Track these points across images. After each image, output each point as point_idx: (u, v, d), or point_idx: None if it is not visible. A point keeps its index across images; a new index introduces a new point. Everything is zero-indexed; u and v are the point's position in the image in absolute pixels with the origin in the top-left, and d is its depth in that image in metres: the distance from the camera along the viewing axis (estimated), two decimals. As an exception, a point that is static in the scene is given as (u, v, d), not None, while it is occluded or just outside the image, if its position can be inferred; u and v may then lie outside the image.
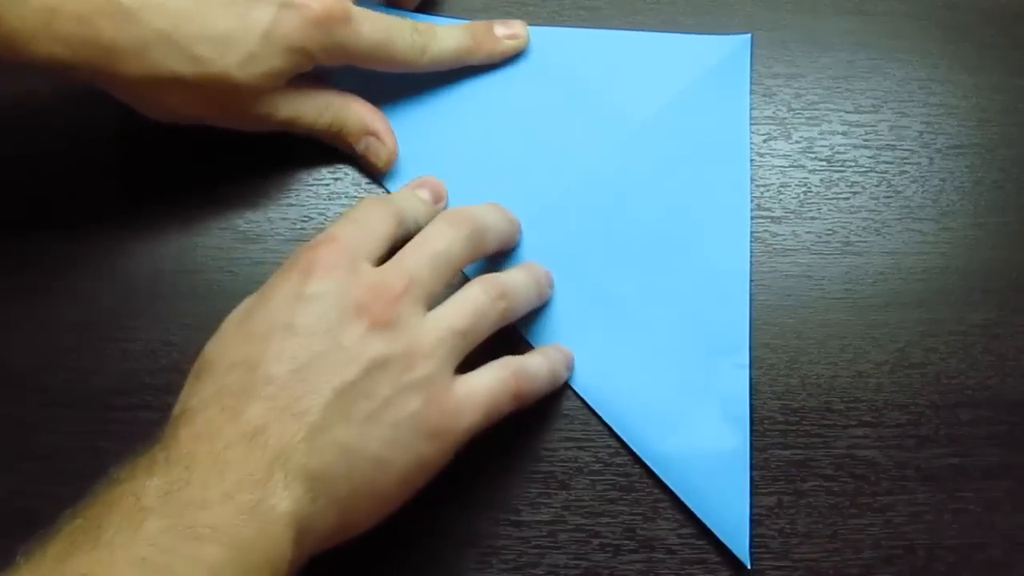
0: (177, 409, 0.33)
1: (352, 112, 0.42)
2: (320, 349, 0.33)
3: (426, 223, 0.38)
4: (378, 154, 0.42)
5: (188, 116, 0.40)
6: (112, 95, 0.39)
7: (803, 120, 0.45)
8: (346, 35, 0.39)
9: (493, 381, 0.36)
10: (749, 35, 0.44)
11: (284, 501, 0.30)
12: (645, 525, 0.40)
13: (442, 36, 0.42)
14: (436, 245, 0.36)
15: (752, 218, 0.44)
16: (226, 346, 0.34)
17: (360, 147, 0.42)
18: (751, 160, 0.44)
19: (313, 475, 0.31)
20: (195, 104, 0.39)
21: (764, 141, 0.45)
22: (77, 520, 0.29)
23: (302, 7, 0.38)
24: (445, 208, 0.42)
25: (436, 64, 0.42)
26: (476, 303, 0.36)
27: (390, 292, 0.34)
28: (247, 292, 0.36)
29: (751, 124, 0.45)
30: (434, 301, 0.36)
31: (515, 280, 0.39)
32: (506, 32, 0.44)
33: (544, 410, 0.41)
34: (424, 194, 0.41)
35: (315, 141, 0.43)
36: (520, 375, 0.37)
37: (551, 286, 0.41)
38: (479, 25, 0.43)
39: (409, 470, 0.34)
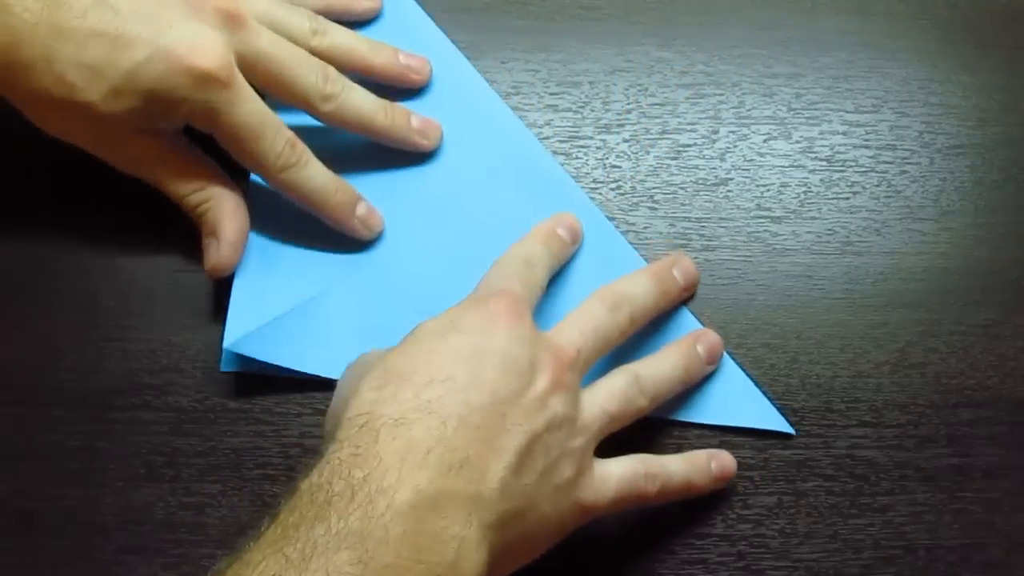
0: (366, 408, 0.32)
1: (217, 208, 0.40)
2: (516, 389, 0.33)
3: (560, 264, 0.41)
4: (208, 257, 0.40)
5: (72, 139, 0.40)
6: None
7: (803, 120, 0.45)
8: (219, 100, 0.38)
9: (625, 475, 0.36)
10: None
11: (473, 565, 0.30)
12: (645, 525, 0.40)
13: (311, 169, 0.40)
14: (598, 321, 0.37)
15: (752, 218, 0.44)
16: (421, 359, 0.33)
17: (204, 241, 0.41)
18: (752, 160, 0.44)
19: (497, 526, 0.31)
20: (74, 128, 0.39)
21: (764, 141, 0.45)
22: (280, 554, 0.28)
23: (181, 57, 0.37)
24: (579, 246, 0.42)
25: (287, 188, 0.40)
26: (626, 394, 0.37)
27: (566, 356, 0.35)
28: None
29: (751, 124, 0.45)
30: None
31: (659, 375, 0.38)
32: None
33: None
34: (563, 232, 0.41)
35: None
36: (652, 479, 0.37)
37: (699, 374, 0.41)
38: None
39: (554, 530, 0.34)
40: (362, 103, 0.42)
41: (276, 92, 0.40)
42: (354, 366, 0.36)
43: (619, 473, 0.36)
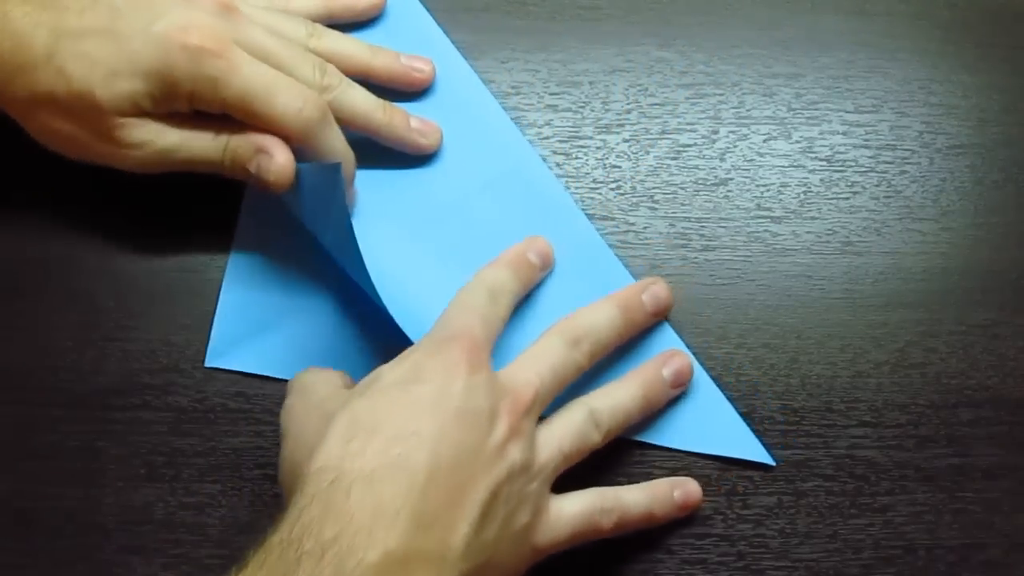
0: (334, 462, 0.31)
1: (245, 137, 0.39)
2: (477, 441, 0.33)
3: (527, 290, 0.40)
4: (268, 168, 0.38)
5: (66, 141, 0.39)
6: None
7: (803, 120, 0.45)
8: (216, 69, 0.37)
9: (581, 513, 0.36)
10: None
11: None
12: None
13: (335, 129, 0.40)
14: (555, 360, 0.37)
15: (752, 218, 0.44)
16: (387, 410, 0.33)
17: (252, 168, 0.39)
18: (752, 160, 0.44)
19: None
20: (70, 127, 0.38)
21: (764, 141, 0.45)
22: None
23: (174, 36, 0.37)
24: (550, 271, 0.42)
25: (315, 150, 0.39)
26: (582, 431, 0.37)
27: (522, 402, 0.34)
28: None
29: (751, 124, 0.45)
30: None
31: (616, 407, 0.38)
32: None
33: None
34: (533, 258, 0.41)
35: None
36: (608, 513, 0.37)
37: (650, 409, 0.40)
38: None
39: (510, 575, 0.34)
40: (360, 98, 0.41)
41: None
42: (307, 408, 0.35)
43: (574, 511, 0.36)
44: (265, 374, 0.41)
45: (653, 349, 0.41)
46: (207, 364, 0.41)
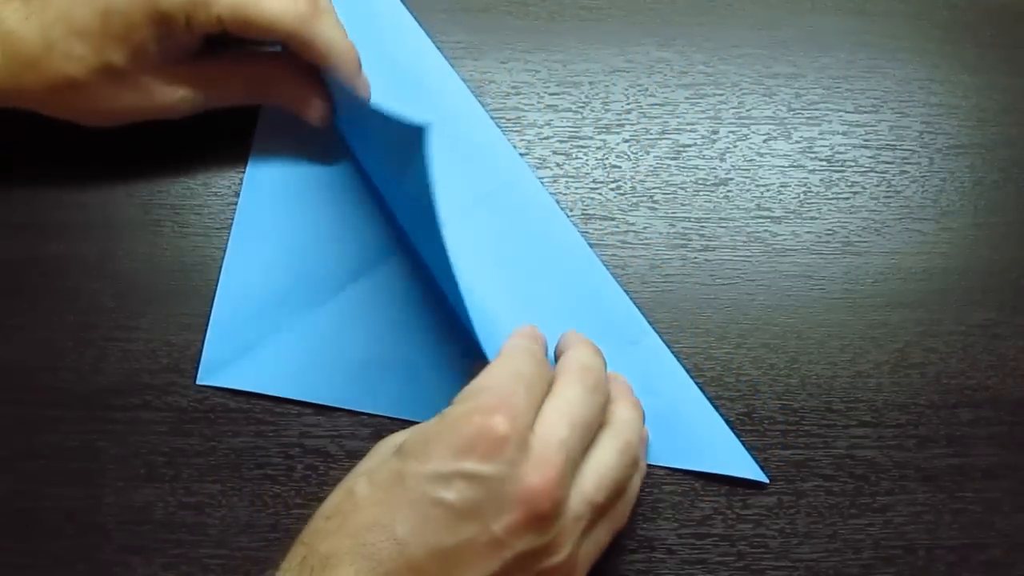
0: (308, 538, 0.32)
1: (278, 80, 0.41)
2: (467, 536, 0.31)
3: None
4: (309, 117, 0.42)
5: (114, 115, 0.40)
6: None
7: (803, 120, 0.45)
8: None
9: (604, 541, 0.35)
10: None
11: None
12: (645, 525, 0.40)
13: (329, 20, 0.40)
14: (581, 413, 0.34)
15: (752, 218, 0.44)
16: (377, 496, 0.32)
17: (289, 110, 0.42)
18: (752, 160, 0.44)
19: None
20: (107, 100, 0.39)
21: (764, 141, 0.45)
22: None
23: None
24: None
25: (310, 42, 0.39)
26: (617, 479, 0.34)
27: (549, 482, 0.31)
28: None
29: (751, 124, 0.45)
30: None
31: (639, 445, 0.36)
32: (364, 80, 0.42)
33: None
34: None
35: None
36: (624, 522, 0.36)
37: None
38: (354, 49, 0.41)
39: None
40: (335, 27, 0.40)
41: (244, 29, 0.39)
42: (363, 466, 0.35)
43: (599, 544, 0.35)
44: (257, 391, 0.41)
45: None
46: (198, 382, 0.41)
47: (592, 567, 0.35)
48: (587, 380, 0.35)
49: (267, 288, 0.42)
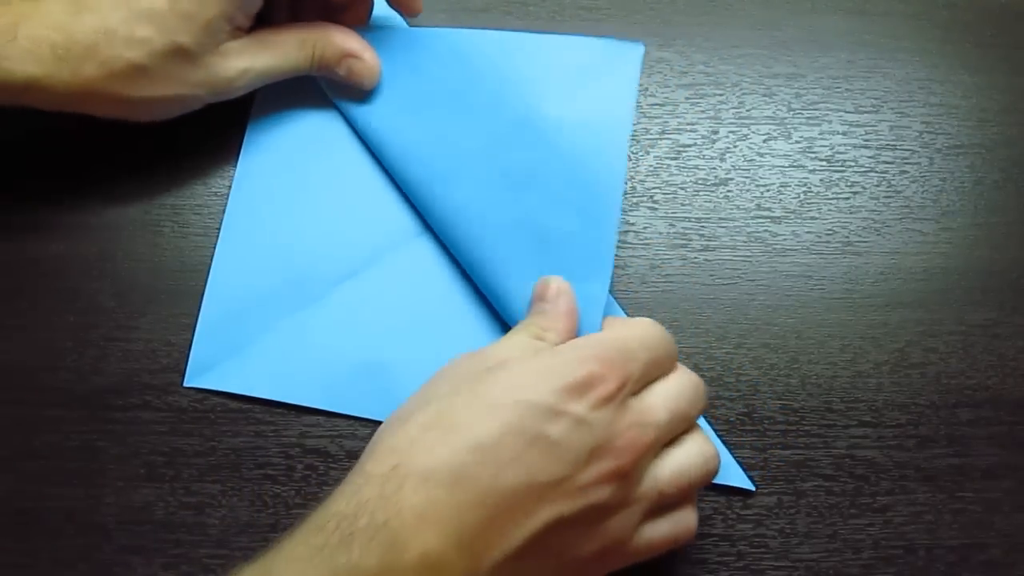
0: (403, 445, 0.32)
1: (328, 39, 0.42)
2: (558, 476, 0.32)
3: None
4: (360, 73, 0.42)
5: (173, 103, 0.40)
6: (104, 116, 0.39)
7: (803, 120, 0.45)
8: None
9: (666, 536, 0.35)
10: (642, 45, 0.43)
11: None
12: (645, 525, 0.40)
13: None
14: (682, 406, 0.35)
15: (752, 218, 0.44)
16: (477, 416, 0.32)
17: (342, 71, 0.42)
18: (752, 160, 0.44)
19: None
20: (170, 85, 0.39)
21: (764, 141, 0.45)
22: None
23: None
24: None
25: None
26: (691, 473, 0.35)
27: (641, 443, 0.33)
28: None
29: (751, 124, 0.45)
30: None
31: (714, 468, 0.36)
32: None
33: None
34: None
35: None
36: (694, 527, 0.36)
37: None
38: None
39: None
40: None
41: None
42: (445, 373, 0.35)
43: (663, 534, 0.35)
44: (244, 393, 0.41)
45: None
46: (186, 384, 0.41)
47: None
48: (698, 383, 0.36)
49: (255, 290, 0.42)
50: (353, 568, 0.30)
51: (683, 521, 0.35)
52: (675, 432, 0.35)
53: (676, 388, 0.35)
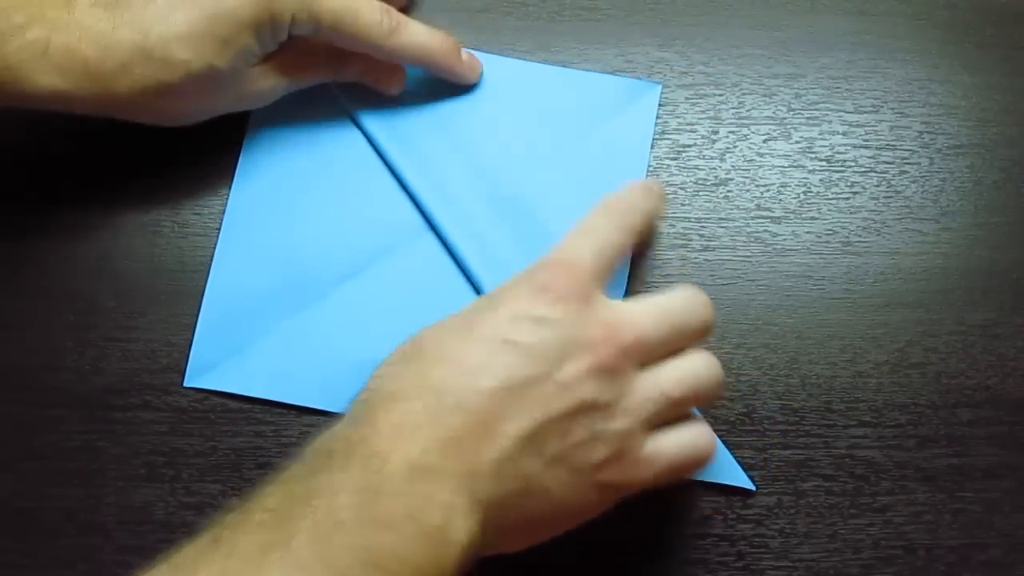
0: (374, 383, 0.33)
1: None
2: (534, 374, 0.32)
3: (646, 234, 0.39)
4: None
5: (200, 113, 0.41)
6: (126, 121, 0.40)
7: (803, 120, 0.45)
8: None
9: (685, 447, 0.35)
10: (659, 86, 0.45)
11: (461, 531, 0.30)
12: (643, 524, 0.40)
13: (413, 28, 0.42)
14: (676, 316, 0.35)
15: (752, 218, 0.44)
16: (443, 338, 0.33)
17: (369, 79, 0.43)
18: (752, 160, 0.44)
19: (491, 504, 0.31)
20: (201, 101, 0.40)
21: (764, 141, 0.45)
22: (268, 513, 0.30)
23: None
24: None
25: (399, 52, 0.41)
26: (698, 380, 0.35)
27: (619, 341, 0.33)
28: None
29: (751, 124, 0.45)
30: (651, 362, 0.35)
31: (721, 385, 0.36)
32: (468, 59, 0.44)
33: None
34: (655, 186, 0.39)
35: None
36: (712, 444, 0.36)
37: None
38: (449, 39, 0.43)
39: (572, 514, 0.34)
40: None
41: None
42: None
43: (674, 449, 0.35)
44: (245, 394, 0.41)
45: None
46: (186, 384, 0.41)
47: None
48: (697, 296, 0.36)
49: (255, 290, 0.42)
50: (336, 482, 0.30)
51: (697, 435, 0.35)
52: (671, 340, 0.35)
53: (668, 299, 0.35)
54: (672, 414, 0.35)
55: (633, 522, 0.40)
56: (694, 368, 0.35)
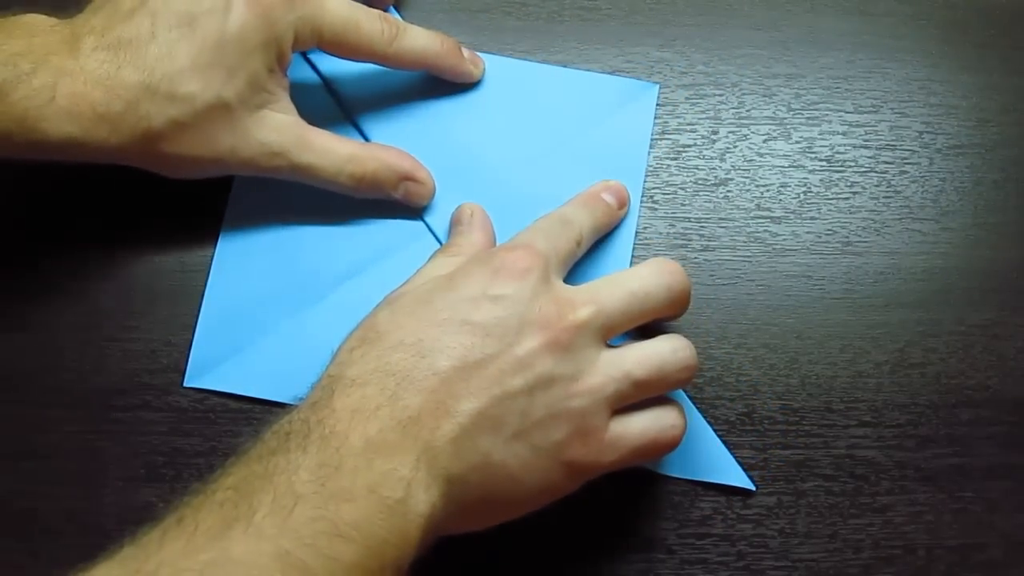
0: (334, 370, 0.33)
1: (384, 161, 0.41)
2: (491, 352, 0.33)
3: (606, 230, 0.41)
4: (418, 194, 0.42)
5: (204, 163, 0.39)
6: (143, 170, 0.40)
7: (803, 120, 0.45)
8: (312, 9, 0.39)
9: (650, 431, 0.35)
10: (657, 85, 0.45)
11: (422, 504, 0.31)
12: (645, 525, 0.40)
13: (413, 32, 0.42)
14: (634, 286, 0.36)
15: (752, 218, 0.44)
16: (400, 321, 0.34)
17: (399, 194, 0.42)
18: (752, 160, 0.44)
19: (451, 479, 0.32)
20: (205, 147, 0.38)
21: (764, 141, 0.45)
22: (229, 491, 0.30)
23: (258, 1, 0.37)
24: (626, 214, 0.43)
25: (401, 58, 0.41)
26: (663, 361, 0.35)
27: (575, 316, 0.34)
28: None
29: (751, 124, 0.45)
30: (613, 338, 0.35)
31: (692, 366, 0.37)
32: (470, 56, 0.44)
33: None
34: (609, 198, 0.41)
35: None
36: (680, 430, 0.36)
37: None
38: (449, 39, 0.43)
39: (536, 492, 0.34)
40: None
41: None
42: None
43: (640, 430, 0.35)
44: (245, 394, 0.41)
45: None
46: (185, 384, 0.41)
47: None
48: (660, 267, 0.36)
49: (255, 290, 0.42)
50: (295, 460, 0.30)
51: (665, 419, 0.36)
52: (634, 317, 0.36)
53: (625, 277, 0.36)
54: (639, 395, 0.35)
55: (633, 522, 0.40)
56: (661, 349, 0.35)
